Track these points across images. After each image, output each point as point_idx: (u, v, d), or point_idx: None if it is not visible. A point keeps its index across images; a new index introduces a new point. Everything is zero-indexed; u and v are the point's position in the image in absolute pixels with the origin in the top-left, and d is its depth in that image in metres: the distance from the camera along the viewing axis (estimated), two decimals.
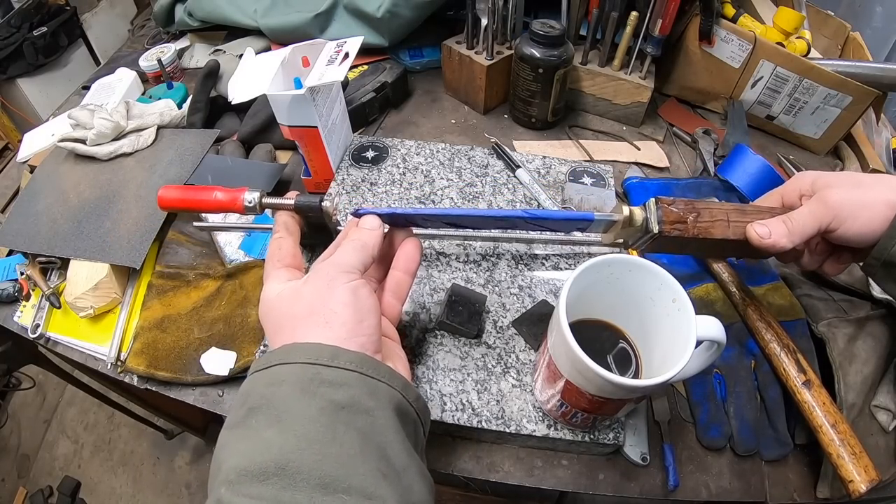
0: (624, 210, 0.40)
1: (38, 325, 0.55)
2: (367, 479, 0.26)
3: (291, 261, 0.37)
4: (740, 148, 0.62)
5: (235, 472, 0.25)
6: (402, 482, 0.27)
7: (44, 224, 0.59)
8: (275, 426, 0.27)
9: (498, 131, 0.74)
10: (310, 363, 0.29)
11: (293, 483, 0.25)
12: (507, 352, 0.46)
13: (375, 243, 0.36)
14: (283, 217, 0.39)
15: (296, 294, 0.33)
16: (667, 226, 0.39)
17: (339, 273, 0.33)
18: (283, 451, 0.26)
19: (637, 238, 0.42)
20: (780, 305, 0.51)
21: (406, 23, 0.76)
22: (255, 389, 0.29)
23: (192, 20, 0.85)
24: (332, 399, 0.28)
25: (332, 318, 0.31)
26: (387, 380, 0.30)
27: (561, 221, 0.42)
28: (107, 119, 0.62)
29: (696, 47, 0.72)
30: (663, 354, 0.36)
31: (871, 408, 0.45)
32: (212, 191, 0.39)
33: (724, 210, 0.39)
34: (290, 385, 0.28)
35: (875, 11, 1.07)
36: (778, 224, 0.37)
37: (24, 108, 1.45)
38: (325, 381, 0.28)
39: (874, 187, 0.36)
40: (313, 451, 0.26)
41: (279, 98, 0.53)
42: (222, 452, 0.28)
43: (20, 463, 1.44)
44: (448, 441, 0.46)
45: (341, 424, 0.27)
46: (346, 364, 0.29)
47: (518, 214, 0.40)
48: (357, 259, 0.34)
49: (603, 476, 0.44)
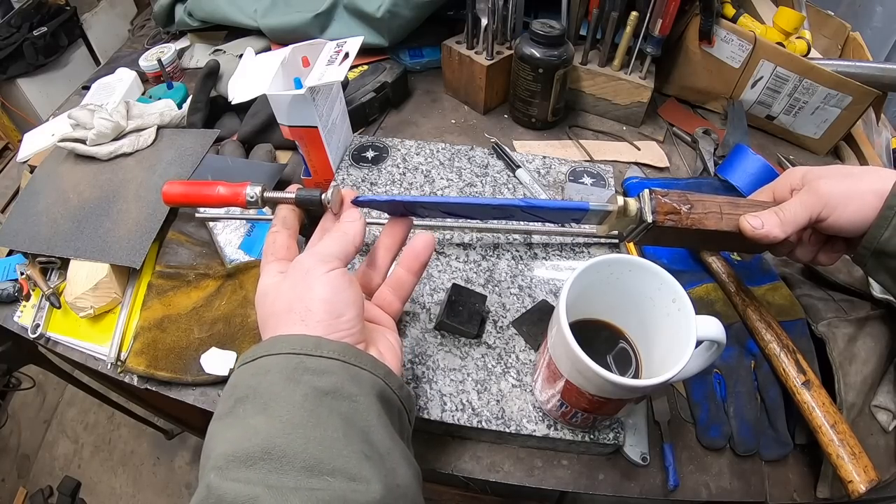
0: (619, 200, 0.40)
1: (38, 325, 0.55)
2: (350, 461, 0.26)
3: (285, 254, 0.37)
4: (740, 148, 0.62)
5: (224, 459, 0.26)
6: (386, 465, 0.28)
7: (44, 224, 0.59)
8: (261, 413, 0.27)
9: (498, 131, 0.74)
10: (294, 353, 0.29)
11: (279, 467, 0.25)
12: (507, 352, 0.46)
13: (357, 231, 0.35)
14: (282, 211, 0.39)
15: (276, 290, 0.33)
16: (660, 216, 0.39)
17: (315, 263, 0.32)
18: (270, 437, 0.26)
19: (632, 229, 0.42)
20: (780, 305, 0.51)
21: (406, 23, 0.76)
22: (242, 380, 0.30)
23: (192, 20, 0.85)
24: (316, 386, 0.28)
25: (308, 315, 0.31)
26: (369, 368, 0.31)
27: (556, 211, 0.42)
28: (107, 119, 0.62)
29: (696, 47, 0.72)
30: (663, 354, 0.36)
31: (871, 408, 0.45)
32: (215, 185, 0.39)
33: (718, 202, 0.40)
34: (276, 374, 0.29)
35: (875, 11, 1.07)
36: (770, 215, 0.38)
37: (24, 108, 1.45)
38: (308, 369, 0.29)
39: (863, 177, 0.37)
40: (298, 435, 0.26)
41: (279, 98, 0.53)
42: (211, 441, 0.28)
43: (20, 463, 1.44)
44: (448, 441, 0.46)
45: (325, 409, 0.28)
46: (328, 353, 0.30)
47: (515, 203, 0.40)
48: (336, 248, 0.34)
49: (603, 476, 0.44)
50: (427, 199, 0.39)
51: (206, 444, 0.29)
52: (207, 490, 0.25)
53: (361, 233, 0.36)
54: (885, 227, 0.35)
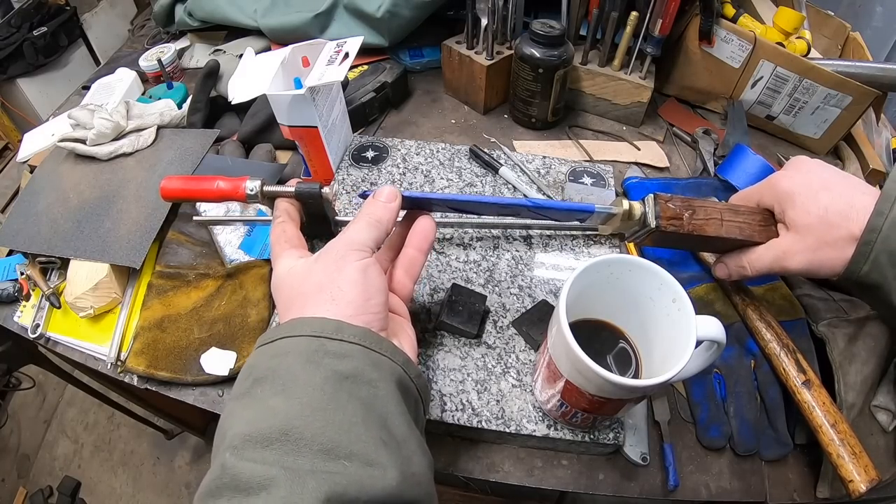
0: (624, 204, 0.41)
1: (38, 325, 0.55)
2: (368, 447, 0.26)
3: (298, 242, 0.37)
4: (740, 148, 0.62)
5: (240, 438, 0.26)
6: (402, 452, 0.28)
7: (44, 224, 0.59)
8: (280, 395, 0.27)
9: (498, 131, 0.74)
10: (315, 336, 0.29)
11: (296, 448, 0.25)
12: (507, 352, 0.46)
13: (390, 218, 0.36)
14: (283, 204, 0.39)
15: (307, 270, 0.34)
16: (664, 221, 0.40)
17: (349, 251, 0.33)
18: (288, 418, 0.26)
19: (634, 232, 0.43)
20: (780, 305, 0.51)
21: (406, 23, 0.76)
22: (261, 361, 0.30)
23: (192, 20, 0.85)
24: (337, 369, 0.28)
25: (340, 295, 0.31)
26: (389, 354, 0.31)
27: (562, 211, 0.43)
28: (107, 119, 0.62)
29: (696, 47, 0.72)
30: (663, 354, 0.36)
31: (871, 408, 0.45)
32: (214, 180, 0.39)
33: (719, 209, 0.41)
34: (296, 356, 0.29)
35: (875, 11, 1.07)
36: (735, 266, 0.43)
37: (24, 108, 1.45)
38: (329, 352, 0.29)
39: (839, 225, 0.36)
40: (317, 417, 0.26)
41: (279, 98, 0.53)
42: (227, 421, 0.28)
43: (20, 463, 1.44)
44: (448, 441, 0.46)
45: (345, 393, 0.28)
46: (349, 337, 0.30)
47: (522, 203, 0.41)
48: (369, 236, 0.34)
49: (603, 476, 0.44)
50: (436, 196, 0.40)
51: (221, 423, 0.29)
52: (222, 469, 0.25)
53: (394, 219, 0.36)
54: (864, 262, 0.35)
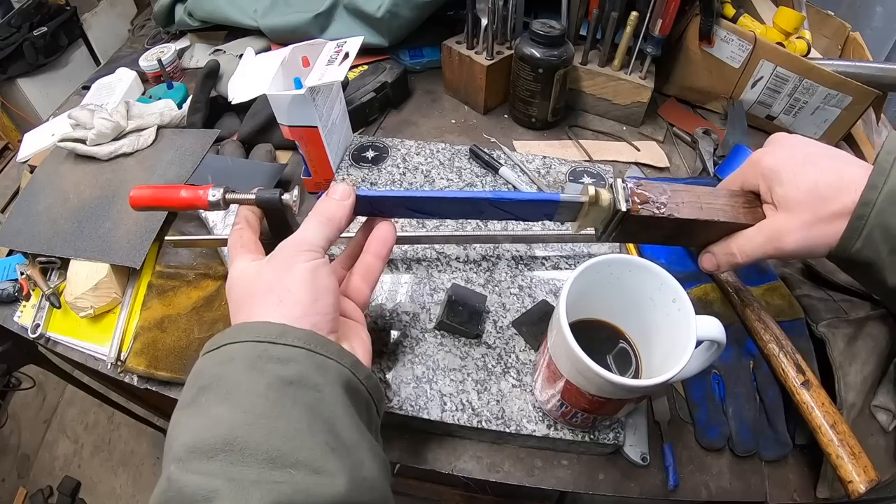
0: (590, 190, 0.38)
1: (38, 325, 0.55)
2: (314, 454, 0.26)
3: (254, 248, 0.37)
4: (740, 148, 0.62)
5: (185, 450, 0.25)
6: (352, 457, 0.27)
7: (44, 224, 0.59)
8: (224, 403, 0.27)
9: (498, 131, 0.74)
10: (258, 341, 0.29)
11: (241, 458, 0.25)
12: (507, 352, 0.46)
13: (343, 215, 0.35)
14: (243, 210, 0.39)
15: (258, 272, 0.33)
16: (634, 204, 0.37)
17: (299, 252, 0.33)
18: (232, 427, 0.26)
19: (607, 223, 0.40)
20: (779, 305, 0.51)
21: (406, 23, 0.76)
22: (207, 368, 0.29)
23: (192, 20, 0.85)
24: (280, 375, 0.28)
25: (287, 296, 0.31)
26: (336, 357, 0.30)
27: (526, 204, 0.39)
28: (107, 119, 0.62)
29: (696, 47, 0.72)
30: (663, 354, 0.36)
31: (871, 408, 0.45)
32: (178, 189, 0.40)
33: (696, 193, 0.39)
34: (239, 362, 0.28)
35: (875, 11, 1.07)
36: (724, 255, 0.40)
37: (24, 108, 1.45)
38: (272, 357, 0.28)
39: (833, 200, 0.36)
40: (260, 426, 0.26)
41: (279, 98, 0.53)
42: (173, 431, 0.28)
43: (20, 463, 1.44)
44: (448, 441, 0.46)
45: (289, 399, 0.27)
46: (293, 341, 0.29)
47: (482, 196, 0.39)
48: (320, 234, 0.34)
49: (603, 476, 0.44)
50: (394, 194, 0.39)
51: (168, 433, 0.28)
52: (168, 483, 0.25)
53: (347, 216, 0.36)
54: (856, 238, 0.34)
